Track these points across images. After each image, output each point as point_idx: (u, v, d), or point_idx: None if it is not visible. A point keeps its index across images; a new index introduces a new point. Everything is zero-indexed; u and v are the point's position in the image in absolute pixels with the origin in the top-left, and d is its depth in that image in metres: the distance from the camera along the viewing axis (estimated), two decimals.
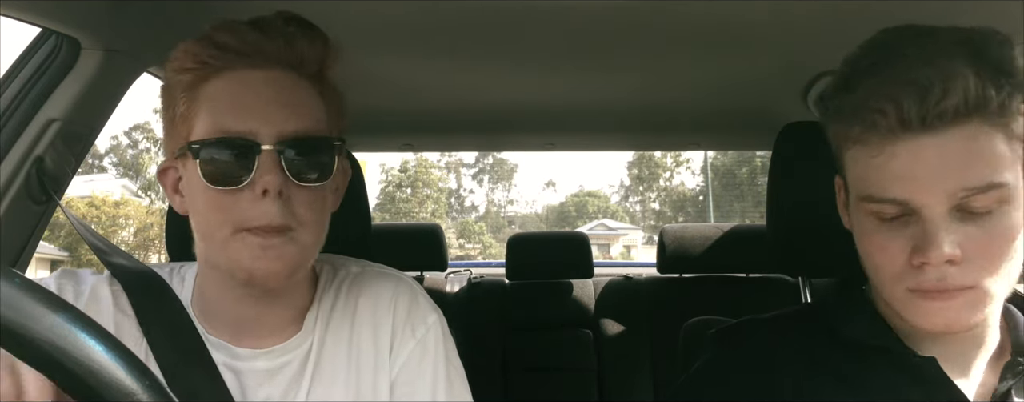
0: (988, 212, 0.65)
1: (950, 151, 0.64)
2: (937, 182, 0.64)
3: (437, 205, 39.47)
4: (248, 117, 0.72)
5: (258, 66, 0.75)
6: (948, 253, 0.63)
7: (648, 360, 2.17)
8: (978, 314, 0.67)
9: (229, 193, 0.71)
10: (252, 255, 0.71)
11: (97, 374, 0.35)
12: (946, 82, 0.63)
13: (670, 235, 2.26)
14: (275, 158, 0.71)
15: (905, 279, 0.68)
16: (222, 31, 0.75)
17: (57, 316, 0.35)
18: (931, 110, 0.63)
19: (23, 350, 0.35)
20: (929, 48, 0.66)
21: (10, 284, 0.35)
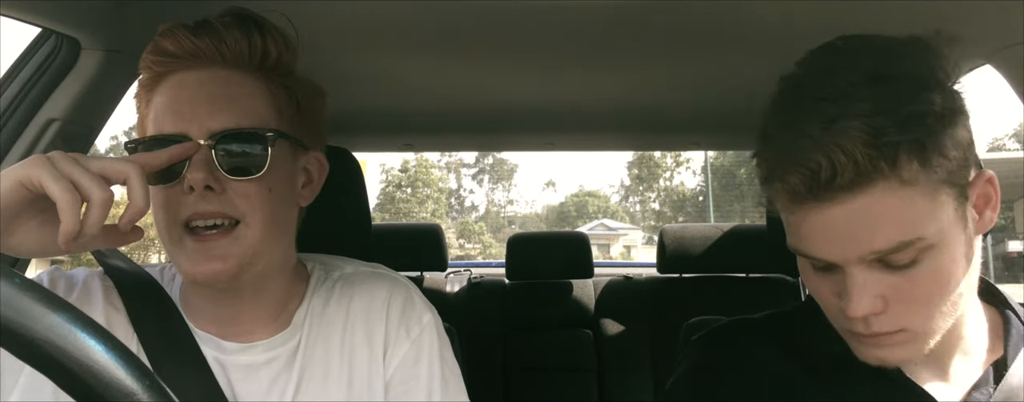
0: (911, 263, 0.64)
1: (855, 217, 0.63)
2: (846, 246, 0.64)
3: (437, 205, 39.47)
4: (179, 117, 0.75)
5: (194, 67, 0.77)
6: (864, 311, 0.64)
7: (648, 360, 2.17)
8: (914, 350, 0.68)
9: (166, 190, 0.74)
10: (192, 260, 0.73)
11: (97, 374, 0.35)
12: (833, 159, 0.61)
13: (670, 235, 2.26)
14: (206, 154, 0.73)
15: (840, 320, 0.69)
16: (164, 37, 0.77)
17: (57, 316, 0.35)
18: (822, 188, 0.63)
19: (23, 350, 0.35)
20: (820, 107, 0.64)
21: (10, 284, 0.35)
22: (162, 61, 0.77)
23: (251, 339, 0.80)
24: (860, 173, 0.61)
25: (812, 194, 0.63)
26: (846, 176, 0.61)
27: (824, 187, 0.63)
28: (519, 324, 2.35)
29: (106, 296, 0.80)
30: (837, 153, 0.61)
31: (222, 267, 0.73)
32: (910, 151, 0.62)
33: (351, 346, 0.82)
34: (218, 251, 0.73)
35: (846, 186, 0.62)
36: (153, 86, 0.78)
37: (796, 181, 0.63)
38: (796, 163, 0.63)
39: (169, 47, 0.77)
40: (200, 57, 0.77)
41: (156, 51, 0.77)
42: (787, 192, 0.65)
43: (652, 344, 2.18)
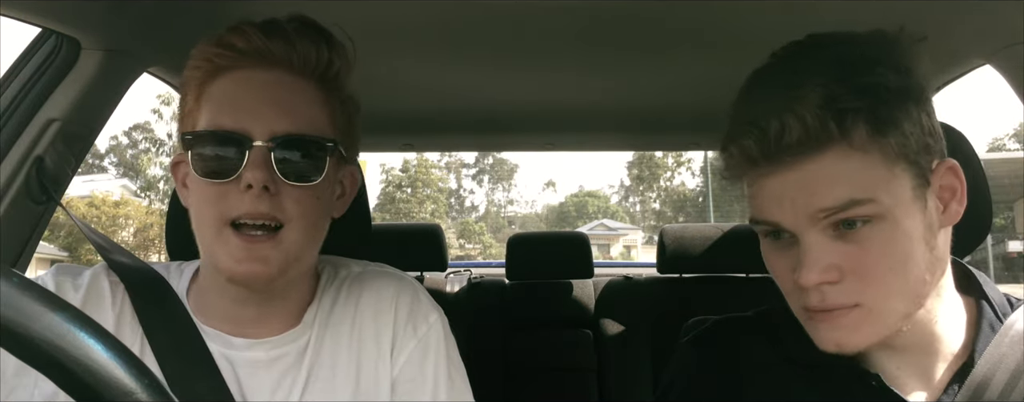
0: (863, 228, 0.64)
1: (808, 179, 0.64)
2: (798, 206, 0.65)
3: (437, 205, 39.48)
4: (242, 114, 0.74)
5: (260, 66, 0.77)
6: (817, 277, 0.64)
7: (648, 360, 2.16)
8: (870, 332, 0.67)
9: (218, 185, 0.73)
10: (234, 257, 0.73)
11: (96, 373, 0.35)
12: (784, 121, 0.63)
13: (670, 235, 2.25)
14: (264, 154, 0.73)
15: (796, 297, 0.69)
16: (232, 32, 0.77)
17: (55, 315, 0.35)
18: (772, 148, 0.64)
19: (21, 349, 0.35)
20: (782, 79, 0.67)
21: (8, 283, 0.35)
22: (226, 55, 0.76)
23: (261, 336, 0.80)
24: (810, 135, 0.63)
25: (764, 156, 0.65)
26: (794, 135, 0.63)
27: (775, 148, 0.64)
28: (519, 324, 2.35)
29: (113, 291, 0.80)
30: (788, 116, 0.63)
31: (263, 269, 0.74)
32: (860, 117, 0.63)
33: (359, 344, 0.83)
34: (261, 252, 0.73)
35: (797, 147, 0.64)
36: (209, 79, 0.77)
37: (750, 143, 0.65)
38: (751, 126, 0.66)
39: (238, 43, 0.76)
40: (268, 58, 0.77)
41: (221, 44, 0.76)
42: (743, 157, 0.67)
43: (652, 344, 2.18)
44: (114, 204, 22.42)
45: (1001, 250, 20.35)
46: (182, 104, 0.80)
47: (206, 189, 0.74)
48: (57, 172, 1.11)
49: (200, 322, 0.80)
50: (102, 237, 0.91)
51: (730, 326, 0.87)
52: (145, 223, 22.54)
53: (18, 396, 0.72)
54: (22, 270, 1.11)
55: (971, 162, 0.92)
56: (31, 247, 1.12)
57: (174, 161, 0.83)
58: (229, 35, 0.77)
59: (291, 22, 0.79)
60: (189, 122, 0.78)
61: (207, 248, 0.76)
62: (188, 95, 0.79)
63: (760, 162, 0.66)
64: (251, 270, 0.73)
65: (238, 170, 0.73)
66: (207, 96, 0.77)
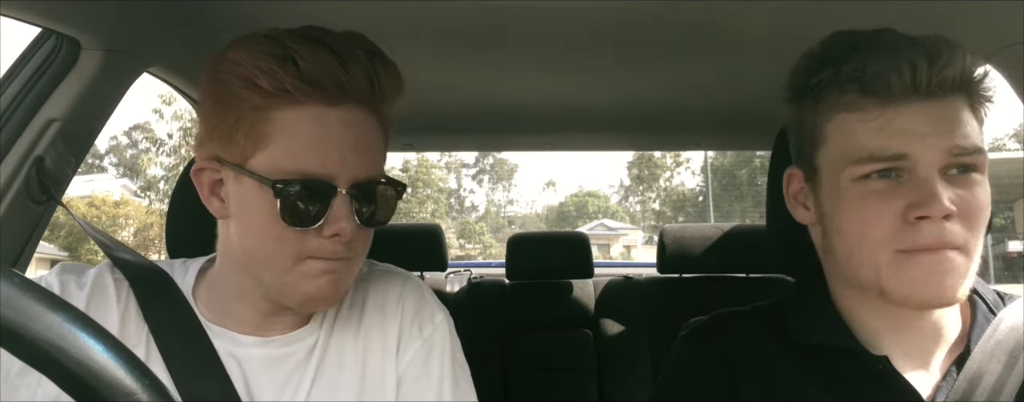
0: (969, 177, 0.69)
1: (945, 115, 0.69)
2: (935, 139, 0.68)
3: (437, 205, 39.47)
4: (327, 159, 0.72)
5: (337, 103, 0.73)
6: (948, 206, 0.66)
7: (648, 360, 2.16)
8: (960, 282, 0.68)
9: (299, 231, 0.73)
10: (315, 284, 0.74)
11: (96, 373, 0.35)
12: (951, 53, 0.69)
13: (670, 235, 2.25)
14: (349, 204, 0.73)
15: (898, 240, 0.68)
16: (306, 56, 0.71)
17: (56, 315, 0.35)
18: (937, 75, 0.68)
19: (22, 349, 0.35)
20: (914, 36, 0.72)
21: (9, 284, 0.35)
22: (301, 87, 0.71)
23: (269, 334, 0.81)
24: (964, 77, 0.69)
25: (918, 84, 0.68)
26: (956, 68, 0.68)
27: (937, 74, 0.68)
28: (519, 324, 2.35)
29: (118, 290, 0.80)
30: (952, 46, 0.69)
31: (334, 292, 0.76)
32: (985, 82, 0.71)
33: (365, 343, 0.83)
34: (336, 277, 0.75)
35: (950, 82, 0.69)
36: (274, 107, 0.72)
37: (920, 64, 0.68)
38: (917, 47, 0.70)
39: (317, 75, 0.71)
40: (344, 93, 0.73)
41: (298, 75, 0.71)
42: (899, 84, 0.69)
43: (652, 344, 2.18)
44: (114, 204, 22.41)
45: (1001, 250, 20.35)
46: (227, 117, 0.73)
47: (285, 232, 0.72)
48: (57, 172, 1.11)
49: (207, 320, 0.80)
50: (105, 235, 0.91)
51: (726, 321, 0.88)
52: (145, 223, 22.53)
53: (21, 396, 0.72)
54: (22, 270, 1.11)
55: None
56: (31, 247, 1.12)
57: (199, 167, 0.78)
58: (305, 60, 0.71)
59: (359, 46, 0.75)
60: (247, 146, 0.73)
61: (277, 278, 0.75)
62: (243, 113, 0.72)
63: (921, 88, 0.68)
64: (325, 292, 0.75)
65: (323, 217, 0.72)
66: (276, 127, 0.72)
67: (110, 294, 0.80)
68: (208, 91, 0.76)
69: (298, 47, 0.72)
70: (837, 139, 0.73)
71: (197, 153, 0.79)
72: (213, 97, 0.75)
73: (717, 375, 0.80)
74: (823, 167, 0.75)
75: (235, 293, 0.80)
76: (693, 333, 0.88)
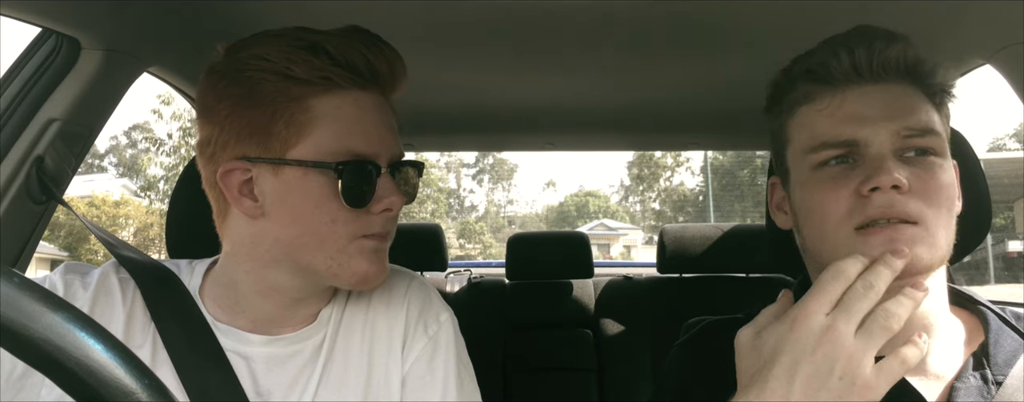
0: (925, 160, 0.71)
1: (893, 97, 0.73)
2: (883, 121, 0.71)
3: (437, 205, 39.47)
4: (370, 139, 0.77)
5: (368, 88, 0.78)
6: (896, 177, 0.68)
7: (648, 360, 2.17)
8: (924, 254, 0.68)
9: (354, 210, 0.76)
10: (369, 259, 0.77)
11: (96, 373, 0.35)
12: (890, 40, 0.73)
13: (670, 235, 2.25)
14: (391, 180, 0.78)
15: (853, 216, 0.70)
16: (340, 46, 0.75)
17: (55, 315, 0.35)
18: (876, 57, 0.72)
19: (22, 349, 0.35)
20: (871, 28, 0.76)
21: (9, 283, 0.35)
22: (340, 73, 0.75)
23: (277, 332, 0.81)
24: (908, 61, 0.73)
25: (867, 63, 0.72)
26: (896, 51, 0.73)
27: (878, 56, 0.72)
28: (519, 324, 2.35)
29: (123, 289, 0.80)
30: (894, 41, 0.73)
31: (384, 269, 0.80)
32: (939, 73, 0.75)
33: (371, 341, 0.84)
34: (384, 255, 0.80)
35: (895, 67, 0.73)
36: (312, 95, 0.74)
37: (858, 50, 0.73)
38: (855, 37, 0.74)
39: (355, 61, 0.76)
40: (374, 78, 0.78)
41: (334, 61, 0.74)
42: (839, 69, 0.73)
43: (652, 344, 2.18)
44: (114, 204, 22.40)
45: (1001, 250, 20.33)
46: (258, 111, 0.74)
47: (340, 213, 0.75)
48: (57, 172, 1.11)
49: (214, 319, 0.80)
50: (108, 234, 0.91)
51: (719, 329, 0.88)
52: (145, 223, 22.52)
53: (25, 396, 0.72)
54: (22, 270, 1.11)
55: (971, 162, 0.92)
56: (31, 247, 1.12)
57: (227, 170, 0.77)
58: (341, 49, 0.75)
59: (370, 36, 0.80)
60: (289, 136, 0.74)
61: (330, 259, 0.76)
62: (277, 106, 0.74)
63: (862, 71, 0.73)
64: (380, 269, 0.79)
65: (371, 195, 0.76)
66: (317, 115, 0.74)
67: (115, 294, 0.80)
68: (228, 92, 0.76)
69: (321, 37, 0.76)
70: (798, 133, 0.77)
71: (218, 157, 0.77)
72: (236, 97, 0.75)
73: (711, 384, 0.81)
74: (791, 165, 0.79)
75: (256, 289, 0.80)
76: (687, 342, 0.89)
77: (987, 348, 0.74)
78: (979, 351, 0.74)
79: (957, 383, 0.72)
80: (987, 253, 17.65)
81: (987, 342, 0.74)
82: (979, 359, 0.73)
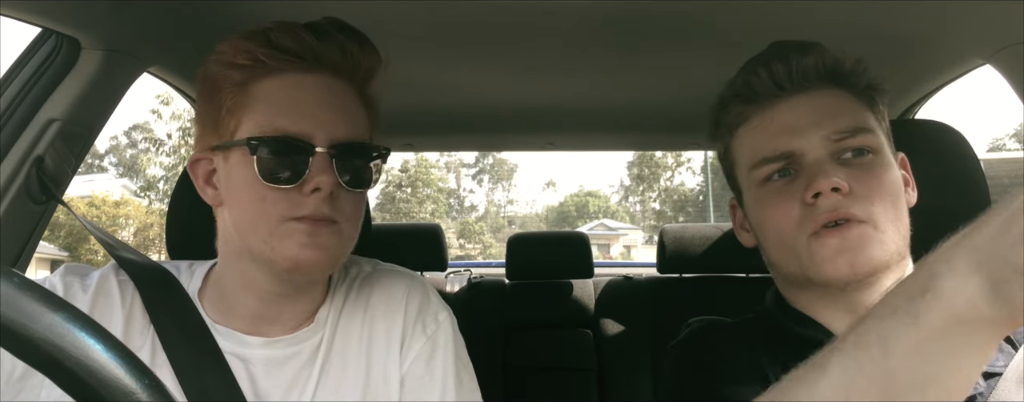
0: (862, 157, 0.73)
1: (819, 104, 0.75)
2: (813, 128, 0.74)
3: (437, 205, 39.48)
4: (304, 119, 0.75)
5: (312, 70, 0.77)
6: (834, 181, 0.70)
7: (648, 360, 2.16)
8: (876, 253, 0.70)
9: (280, 189, 0.74)
10: (300, 243, 0.74)
11: (96, 373, 0.35)
12: (804, 51, 0.76)
13: (670, 235, 2.25)
14: (328, 161, 0.75)
15: (804, 225, 0.73)
16: (279, 32, 0.76)
17: (56, 315, 0.35)
18: (795, 69, 0.74)
19: (22, 350, 0.35)
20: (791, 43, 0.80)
21: (9, 283, 0.35)
22: (276, 55, 0.76)
23: (275, 334, 0.81)
24: (827, 68, 0.76)
25: (787, 75, 0.75)
26: (813, 59, 0.75)
27: (796, 67, 0.75)
28: (519, 324, 2.35)
29: (122, 290, 0.81)
30: (810, 53, 0.76)
31: (324, 256, 0.76)
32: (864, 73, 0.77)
33: (369, 342, 0.83)
34: (322, 239, 0.75)
35: (816, 76, 0.75)
36: (253, 79, 0.76)
37: (774, 66, 0.75)
38: (770, 57, 0.77)
39: (289, 44, 0.76)
40: (321, 61, 0.77)
41: (270, 45, 0.76)
42: (761, 87, 0.76)
43: (652, 344, 2.18)
44: (114, 204, 22.41)
45: None
46: (212, 102, 0.78)
47: (267, 192, 0.74)
48: (57, 172, 1.11)
49: (213, 321, 0.80)
50: (108, 235, 0.91)
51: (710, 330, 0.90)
52: (145, 223, 22.53)
53: (25, 397, 0.73)
54: (22, 270, 1.11)
55: (971, 162, 0.92)
56: (31, 247, 1.12)
57: (194, 158, 0.81)
58: (278, 35, 0.76)
59: (333, 25, 0.80)
60: (230, 122, 0.77)
61: (264, 242, 0.75)
62: (224, 94, 0.77)
63: (784, 84, 0.75)
64: (314, 256, 0.74)
65: (303, 175, 0.74)
66: (255, 97, 0.76)
67: (114, 295, 0.80)
68: (199, 88, 0.80)
69: (273, 26, 0.77)
70: (740, 153, 0.81)
71: (195, 150, 0.82)
72: (203, 90, 0.80)
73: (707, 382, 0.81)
74: (742, 184, 0.82)
75: (238, 284, 0.81)
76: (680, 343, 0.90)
77: None
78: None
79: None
80: None
81: None
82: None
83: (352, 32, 0.81)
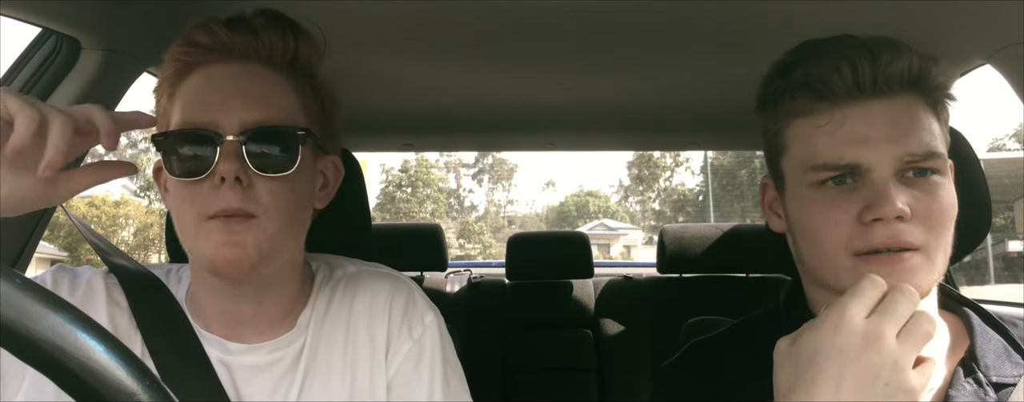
0: (926, 180, 0.69)
1: (897, 116, 0.69)
2: (886, 143, 0.68)
3: (437, 205, 39.48)
4: (210, 109, 0.74)
5: (227, 61, 0.77)
6: (900, 208, 0.66)
7: (648, 360, 2.17)
8: (923, 281, 0.68)
9: (193, 183, 0.73)
10: (215, 243, 0.72)
11: (97, 374, 0.35)
12: (894, 51, 0.69)
13: (670, 235, 2.25)
14: (235, 147, 0.72)
15: (853, 243, 0.69)
16: (197, 30, 0.77)
17: (57, 316, 0.35)
18: (881, 72, 0.68)
19: (23, 350, 0.35)
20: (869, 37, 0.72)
21: (10, 284, 0.35)
22: (193, 52, 0.76)
23: (256, 340, 0.80)
24: (912, 72, 0.69)
25: (871, 78, 0.68)
26: (902, 64, 0.68)
27: (883, 71, 0.68)
28: (519, 324, 2.35)
29: (109, 293, 0.80)
30: (896, 46, 0.69)
31: (242, 254, 0.72)
32: (941, 82, 0.71)
33: (354, 346, 0.82)
34: (239, 237, 0.72)
35: (898, 78, 0.69)
36: (179, 79, 0.77)
37: (860, 63, 0.68)
38: (858, 48, 0.70)
39: (202, 39, 0.76)
40: (234, 51, 0.77)
41: (187, 43, 0.77)
42: (841, 85, 0.69)
43: (652, 344, 2.18)
44: (114, 204, 22.41)
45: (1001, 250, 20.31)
46: (156, 108, 0.80)
47: (182, 189, 0.73)
48: None
49: (198, 327, 0.80)
50: (101, 239, 0.90)
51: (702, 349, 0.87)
52: (145, 223, 22.53)
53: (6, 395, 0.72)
54: (22, 270, 1.10)
55: (971, 162, 0.92)
56: (31, 247, 1.12)
57: (157, 167, 0.80)
58: (194, 33, 0.77)
59: (256, 15, 0.79)
60: (162, 123, 0.78)
61: (190, 244, 0.75)
62: (161, 97, 0.79)
63: (865, 87, 0.69)
64: (231, 255, 0.72)
65: (210, 166, 0.71)
66: (177, 96, 0.77)
67: (101, 296, 0.79)
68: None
69: (193, 25, 0.78)
70: (796, 145, 0.75)
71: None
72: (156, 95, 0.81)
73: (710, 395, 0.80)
74: (787, 174, 0.77)
75: (201, 287, 0.81)
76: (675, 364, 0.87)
77: (974, 351, 0.73)
78: (967, 356, 0.73)
79: (951, 391, 0.71)
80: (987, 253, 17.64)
81: (973, 345, 0.74)
82: (968, 364, 0.73)
83: (274, 18, 0.79)
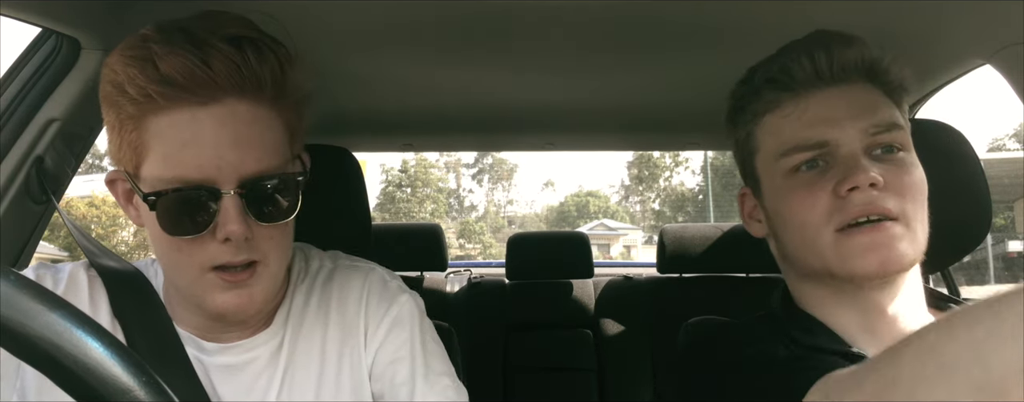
0: (894, 156, 0.73)
1: (855, 99, 0.75)
2: (850, 121, 0.73)
3: (437, 205, 39.48)
4: (204, 163, 0.67)
5: (209, 101, 0.67)
6: (873, 175, 0.69)
7: (648, 360, 2.17)
8: (906, 250, 0.70)
9: (191, 239, 0.69)
10: (221, 293, 0.71)
11: (93, 371, 0.35)
12: (847, 44, 0.76)
13: (670, 235, 2.25)
14: (237, 203, 0.68)
15: (833, 218, 0.71)
16: (167, 62, 0.66)
17: (54, 314, 0.35)
18: (837, 61, 0.73)
19: (20, 348, 0.35)
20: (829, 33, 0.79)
21: (7, 282, 0.35)
22: (165, 92, 0.66)
23: (231, 339, 0.80)
24: (865, 61, 0.75)
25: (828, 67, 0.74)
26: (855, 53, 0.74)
27: (838, 59, 0.74)
28: (519, 324, 2.35)
29: (91, 287, 0.80)
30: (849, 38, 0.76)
31: (249, 302, 0.72)
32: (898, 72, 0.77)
33: (333, 340, 0.82)
34: (246, 288, 0.72)
35: (855, 67, 0.75)
36: (148, 114, 0.68)
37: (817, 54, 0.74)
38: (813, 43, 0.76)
39: (176, 76, 0.66)
40: (213, 89, 0.67)
41: (159, 80, 0.66)
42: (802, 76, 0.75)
43: (652, 344, 2.18)
44: (114, 204, 22.40)
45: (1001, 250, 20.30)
46: (114, 125, 0.70)
47: (179, 243, 0.69)
48: (57, 172, 1.11)
49: (176, 325, 0.79)
50: (92, 241, 0.90)
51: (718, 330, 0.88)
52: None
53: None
54: (22, 270, 1.10)
55: (971, 162, 0.92)
56: (31, 247, 1.12)
57: (110, 178, 0.75)
58: (166, 66, 0.66)
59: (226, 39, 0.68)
60: (131, 156, 0.70)
61: (189, 288, 0.74)
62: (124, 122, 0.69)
63: (824, 75, 0.74)
64: (238, 303, 0.72)
65: (210, 223, 0.68)
66: (152, 134, 0.68)
67: (83, 290, 0.79)
68: (101, 101, 0.72)
69: (157, 47, 0.67)
70: (766, 140, 0.79)
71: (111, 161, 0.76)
72: (103, 105, 0.72)
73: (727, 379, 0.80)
74: (762, 172, 0.80)
75: (180, 302, 0.80)
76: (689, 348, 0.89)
77: None
78: None
79: None
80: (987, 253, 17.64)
81: None
82: None
83: (248, 41, 0.69)
